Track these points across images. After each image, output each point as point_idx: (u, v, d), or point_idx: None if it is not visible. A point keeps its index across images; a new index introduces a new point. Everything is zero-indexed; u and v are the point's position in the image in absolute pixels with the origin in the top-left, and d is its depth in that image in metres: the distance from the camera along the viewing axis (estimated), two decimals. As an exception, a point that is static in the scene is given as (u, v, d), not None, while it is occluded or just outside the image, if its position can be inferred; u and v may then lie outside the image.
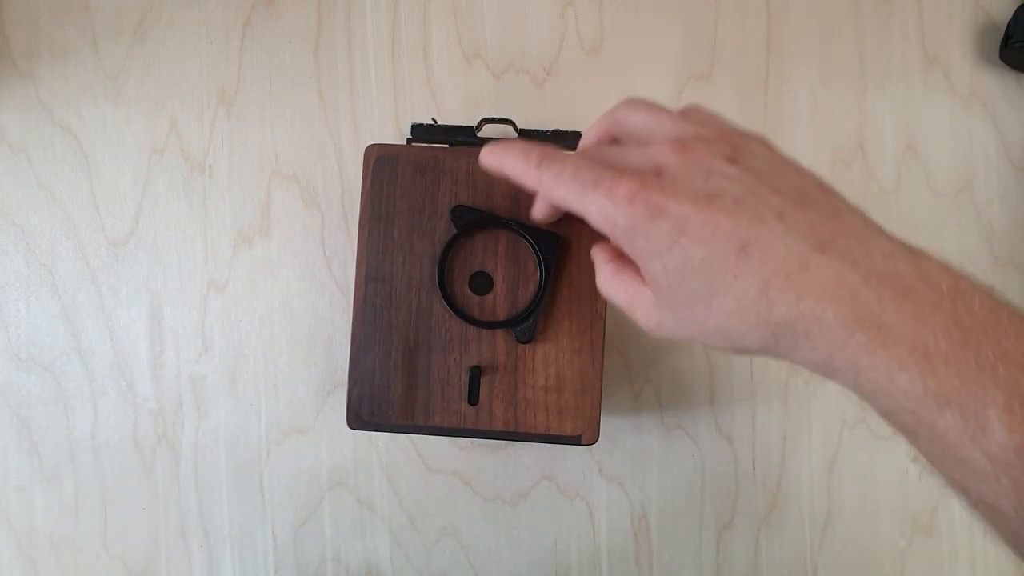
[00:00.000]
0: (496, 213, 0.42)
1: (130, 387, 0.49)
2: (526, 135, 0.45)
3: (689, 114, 0.33)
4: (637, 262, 0.31)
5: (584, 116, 0.50)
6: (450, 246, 0.41)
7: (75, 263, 0.49)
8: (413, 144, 0.45)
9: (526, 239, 0.41)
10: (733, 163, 0.29)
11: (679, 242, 0.28)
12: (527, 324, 0.41)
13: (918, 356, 0.25)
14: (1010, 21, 0.48)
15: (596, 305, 0.42)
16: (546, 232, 0.41)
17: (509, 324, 0.41)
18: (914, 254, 0.27)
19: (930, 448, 0.26)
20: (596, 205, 0.30)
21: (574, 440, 0.42)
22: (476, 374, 0.42)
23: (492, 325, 0.41)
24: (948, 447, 0.25)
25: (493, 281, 0.42)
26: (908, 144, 0.50)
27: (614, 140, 0.35)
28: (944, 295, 0.26)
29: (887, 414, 0.27)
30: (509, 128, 0.45)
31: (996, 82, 0.50)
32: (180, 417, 0.49)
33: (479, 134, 0.45)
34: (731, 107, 0.50)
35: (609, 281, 0.34)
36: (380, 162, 0.42)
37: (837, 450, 0.49)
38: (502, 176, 0.34)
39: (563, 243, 0.41)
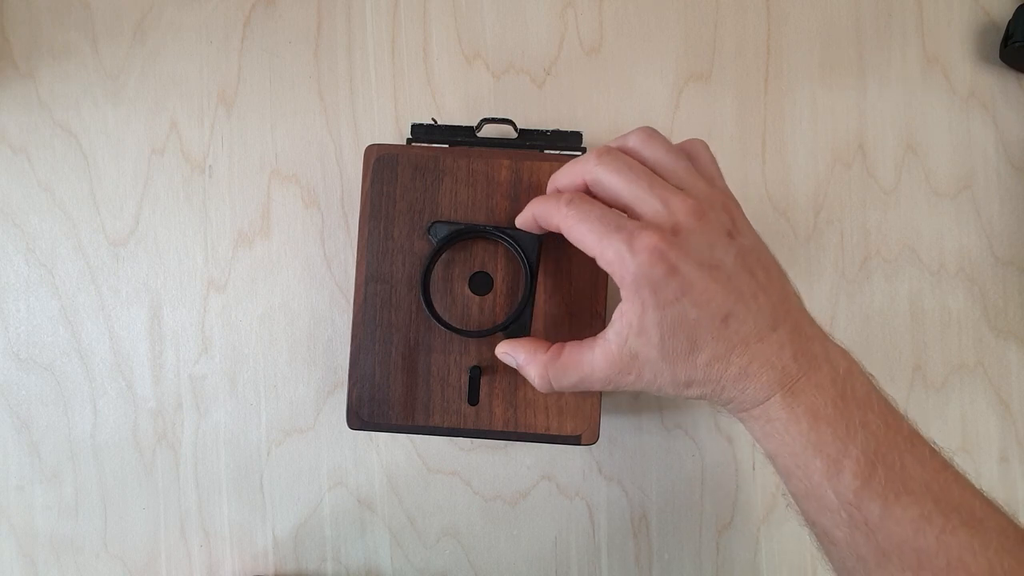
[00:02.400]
0: (476, 222, 0.42)
1: (130, 387, 0.49)
2: (526, 135, 0.45)
3: (698, 162, 0.37)
4: (630, 307, 0.34)
5: (584, 116, 0.50)
6: (432, 262, 0.41)
7: (75, 263, 0.49)
8: (413, 144, 0.45)
9: (506, 242, 0.41)
10: (731, 238, 0.35)
11: (681, 300, 0.33)
12: (519, 324, 0.41)
13: (811, 416, 0.33)
14: (1010, 21, 0.48)
15: (596, 304, 0.42)
16: (525, 233, 0.41)
17: (501, 329, 0.41)
18: (827, 338, 0.35)
19: (798, 486, 0.34)
20: (614, 249, 0.33)
21: (574, 440, 0.42)
22: (476, 374, 0.42)
23: (483, 333, 0.41)
24: (812, 486, 0.33)
25: (493, 281, 0.42)
26: (908, 144, 0.50)
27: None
28: (839, 375, 0.34)
29: (774, 456, 0.35)
30: (509, 128, 0.45)
31: (996, 82, 0.50)
32: (180, 417, 0.49)
33: (479, 134, 0.45)
34: (731, 107, 0.50)
35: (556, 362, 0.38)
36: (380, 162, 0.43)
37: (837, 450, 0.49)
38: (534, 223, 0.38)
39: (543, 240, 0.41)
